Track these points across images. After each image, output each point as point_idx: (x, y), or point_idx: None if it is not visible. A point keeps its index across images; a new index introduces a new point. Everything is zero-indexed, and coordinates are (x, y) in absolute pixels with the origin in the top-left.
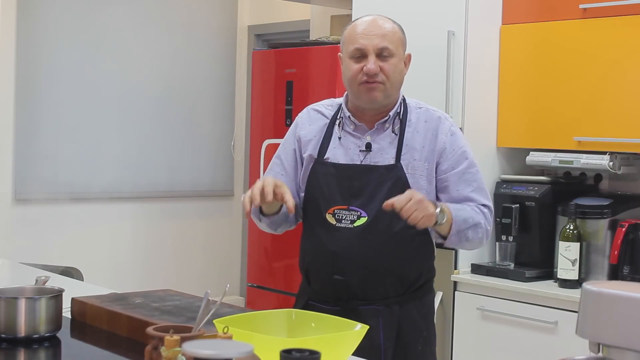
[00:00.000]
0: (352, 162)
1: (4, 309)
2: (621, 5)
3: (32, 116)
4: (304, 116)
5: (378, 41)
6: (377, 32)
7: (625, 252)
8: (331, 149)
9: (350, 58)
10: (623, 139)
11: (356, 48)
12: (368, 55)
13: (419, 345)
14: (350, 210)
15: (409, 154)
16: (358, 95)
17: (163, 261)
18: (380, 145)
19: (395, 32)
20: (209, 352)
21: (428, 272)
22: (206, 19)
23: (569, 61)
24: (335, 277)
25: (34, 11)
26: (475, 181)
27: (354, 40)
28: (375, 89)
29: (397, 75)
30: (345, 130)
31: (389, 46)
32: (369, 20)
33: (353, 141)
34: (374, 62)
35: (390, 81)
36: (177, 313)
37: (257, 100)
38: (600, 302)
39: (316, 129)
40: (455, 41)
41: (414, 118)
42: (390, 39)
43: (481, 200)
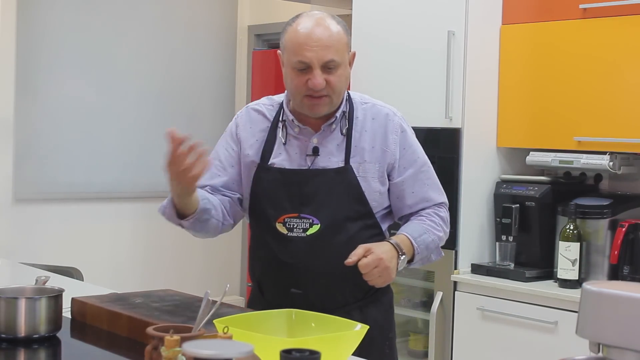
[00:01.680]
0: (299, 167)
1: (4, 309)
2: (621, 5)
3: (32, 116)
4: (244, 117)
5: (323, 54)
6: (322, 42)
7: (625, 252)
8: (276, 154)
9: (292, 69)
10: (623, 139)
11: (300, 61)
12: (313, 69)
13: (385, 348)
14: (301, 218)
15: (358, 155)
16: (301, 106)
17: (163, 261)
18: (327, 148)
19: (339, 38)
20: (209, 352)
21: None
22: (206, 19)
23: (569, 61)
24: (293, 290)
25: (34, 11)
26: (429, 178)
27: (297, 52)
28: (320, 104)
29: (344, 83)
30: (289, 134)
31: (335, 58)
32: (311, 27)
33: (298, 145)
34: (320, 76)
35: (336, 93)
36: (177, 313)
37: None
38: (600, 302)
39: (257, 131)
40: (455, 41)
41: (361, 115)
42: (336, 48)
43: (437, 199)
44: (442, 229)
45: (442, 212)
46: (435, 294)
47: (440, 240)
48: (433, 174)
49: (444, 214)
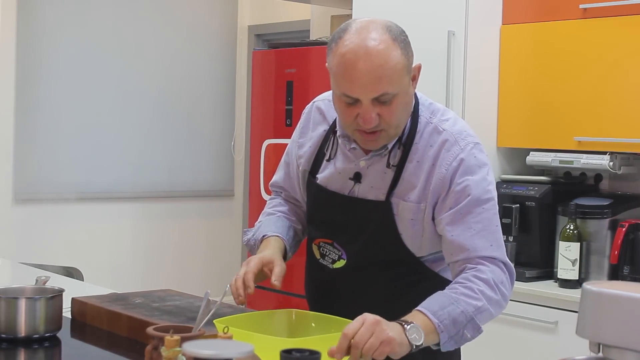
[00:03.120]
0: (339, 191)
1: (4, 309)
2: (621, 5)
3: (32, 116)
4: (307, 114)
5: (373, 87)
6: (371, 74)
7: (626, 252)
8: (323, 168)
9: (339, 98)
10: (623, 139)
11: (345, 94)
12: (362, 103)
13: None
14: (334, 247)
15: (403, 190)
16: (354, 138)
17: (163, 261)
18: (373, 176)
19: (395, 64)
20: (209, 352)
21: None
22: (206, 19)
23: (569, 61)
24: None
25: (34, 11)
26: (479, 223)
27: (341, 84)
28: (374, 139)
29: (403, 113)
30: (339, 148)
31: (389, 90)
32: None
33: (345, 164)
34: (371, 111)
35: (393, 125)
36: (177, 313)
37: (257, 100)
38: (600, 302)
39: (315, 134)
40: (456, 41)
41: (422, 142)
42: (389, 79)
43: (480, 252)
44: (479, 296)
45: (486, 274)
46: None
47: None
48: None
49: (488, 275)
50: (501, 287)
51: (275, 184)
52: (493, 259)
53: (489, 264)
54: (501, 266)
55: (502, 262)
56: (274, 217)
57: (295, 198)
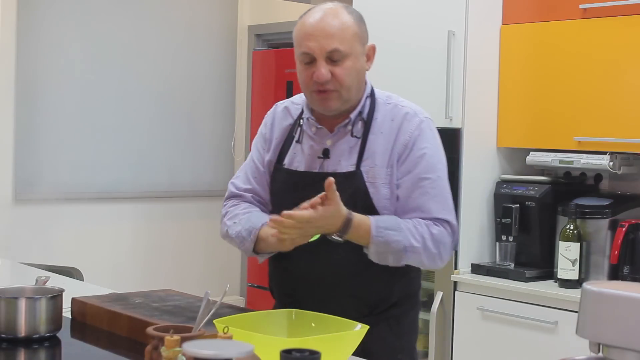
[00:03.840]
0: (308, 169)
1: (4, 309)
2: (621, 5)
3: (32, 116)
4: (271, 115)
5: (327, 42)
6: (325, 31)
7: (626, 252)
8: (290, 154)
9: (300, 62)
10: (623, 139)
11: (303, 52)
12: (317, 60)
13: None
14: None
15: (370, 159)
16: (312, 102)
17: (163, 261)
18: (340, 150)
19: (347, 27)
20: (209, 352)
21: (404, 289)
22: (206, 19)
23: (569, 61)
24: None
25: (35, 11)
26: (433, 188)
27: (301, 43)
28: (328, 97)
29: (354, 77)
30: (306, 134)
31: (340, 47)
32: (318, 16)
33: (312, 145)
34: (324, 68)
35: (345, 87)
36: (177, 313)
37: (257, 100)
38: (600, 302)
39: (280, 131)
40: (455, 41)
41: (380, 117)
42: (341, 37)
43: (436, 213)
44: (421, 240)
45: (435, 229)
46: (436, 294)
47: (409, 249)
48: (441, 187)
49: (436, 230)
50: (441, 247)
51: (239, 187)
52: (443, 221)
53: (439, 224)
54: (448, 229)
55: (450, 225)
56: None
57: (261, 198)
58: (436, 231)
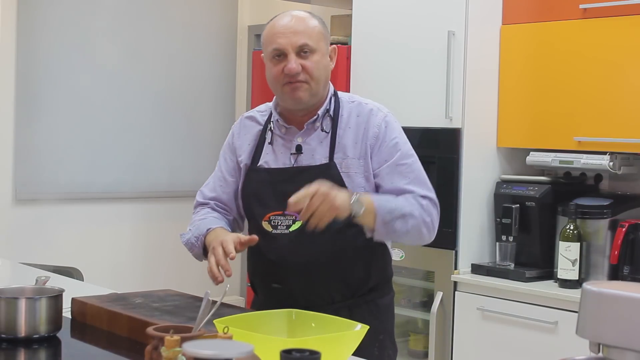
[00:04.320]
0: (283, 166)
1: (4, 309)
2: (621, 5)
3: (32, 116)
4: (238, 125)
5: (296, 38)
6: (294, 29)
7: (626, 252)
8: (264, 155)
9: (270, 60)
10: (623, 139)
11: (275, 48)
12: (288, 55)
13: (374, 349)
14: (285, 216)
15: (341, 152)
16: (283, 97)
17: (163, 261)
18: (311, 145)
19: (314, 27)
20: (209, 352)
21: (380, 274)
22: (206, 19)
23: (569, 61)
24: (274, 285)
25: (34, 11)
26: (411, 172)
27: (272, 40)
28: (298, 88)
29: (322, 71)
30: (276, 134)
31: (309, 42)
32: (286, 18)
33: (284, 144)
34: (295, 61)
35: (314, 79)
36: (177, 313)
37: (257, 100)
38: (600, 302)
39: (250, 137)
40: (455, 41)
41: (346, 113)
42: (309, 34)
43: (420, 192)
44: (416, 208)
45: (422, 201)
46: (435, 294)
47: (408, 214)
48: (418, 169)
49: (424, 202)
50: (432, 218)
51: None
52: (426, 197)
53: (423, 199)
54: (432, 202)
55: (433, 199)
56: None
57: (225, 205)
58: (424, 202)
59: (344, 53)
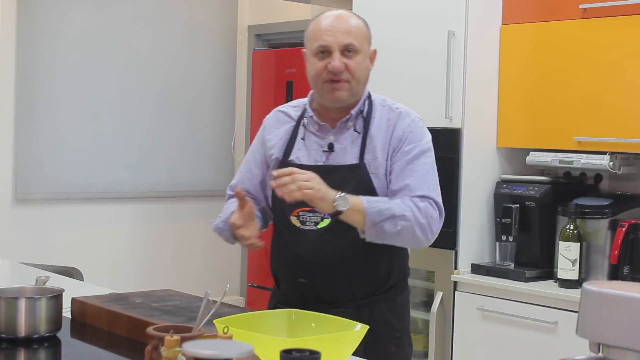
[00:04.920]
0: (315, 163)
1: (4, 309)
2: (621, 5)
3: (32, 116)
4: (271, 119)
5: (342, 38)
6: (341, 28)
7: (625, 252)
8: (295, 151)
9: (314, 55)
10: (623, 139)
11: (320, 45)
12: (332, 53)
13: (391, 346)
14: (314, 212)
15: (371, 153)
16: (322, 93)
17: (163, 261)
18: (343, 144)
19: (359, 27)
20: (209, 352)
21: (399, 272)
22: (206, 19)
23: (569, 61)
24: (300, 280)
25: (35, 11)
26: (419, 171)
27: (318, 37)
28: (339, 88)
29: (362, 72)
30: (308, 131)
31: (354, 42)
32: (333, 16)
33: (316, 141)
34: (339, 59)
35: (355, 79)
36: (177, 313)
37: (257, 100)
38: (600, 302)
39: (282, 131)
40: (455, 41)
41: (378, 116)
42: (355, 35)
43: (418, 191)
44: (410, 210)
45: (421, 203)
46: (435, 294)
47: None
48: (426, 171)
49: (422, 204)
50: (430, 219)
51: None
52: (427, 198)
53: (423, 201)
54: (433, 204)
55: (435, 202)
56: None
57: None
58: (422, 205)
59: None
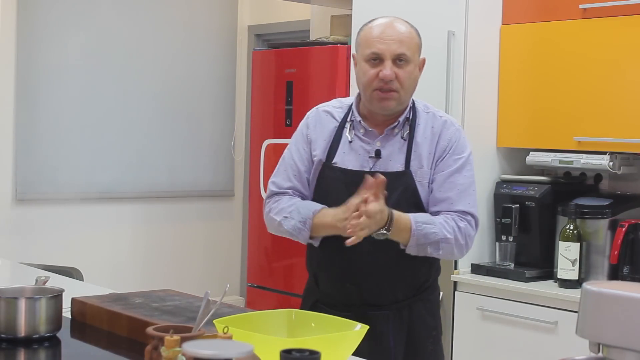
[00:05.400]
0: (361, 169)
1: (4, 309)
2: (621, 5)
3: (32, 116)
4: (314, 118)
5: (395, 47)
6: (395, 37)
7: (625, 252)
8: (340, 154)
9: (366, 61)
10: (623, 139)
11: (373, 52)
12: (384, 61)
13: (429, 344)
14: None
15: (417, 160)
16: (371, 100)
17: (163, 261)
18: (389, 151)
19: (412, 37)
20: (209, 352)
21: (435, 272)
22: (206, 19)
23: (569, 61)
24: (348, 285)
25: (34, 11)
26: (461, 185)
27: (371, 44)
28: (389, 97)
29: (412, 82)
30: (355, 135)
31: (406, 52)
32: (387, 23)
33: (362, 146)
34: (390, 68)
35: (404, 89)
36: (177, 313)
37: (257, 100)
38: (600, 302)
39: (326, 131)
40: (455, 41)
41: (422, 123)
42: (408, 44)
43: (459, 205)
44: (452, 232)
45: (462, 223)
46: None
47: (444, 240)
48: (468, 184)
49: (463, 224)
50: (467, 239)
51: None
52: (467, 214)
53: (464, 218)
54: (472, 223)
55: (473, 218)
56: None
57: (301, 194)
58: (463, 225)
59: (344, 53)
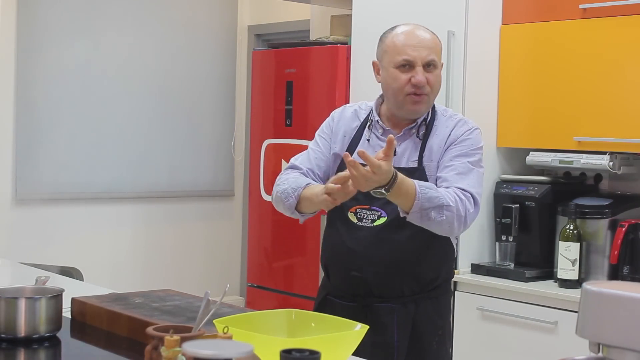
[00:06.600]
0: None
1: (4, 309)
2: (621, 5)
3: (32, 116)
4: (340, 113)
5: (426, 53)
6: (424, 44)
7: (625, 252)
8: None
9: (396, 68)
10: (623, 139)
11: (404, 59)
12: (415, 67)
13: (434, 343)
14: (371, 210)
15: (428, 155)
16: (402, 105)
17: (163, 261)
18: (404, 148)
19: (437, 43)
20: (209, 352)
21: (446, 273)
22: (206, 19)
23: (569, 61)
24: (353, 273)
25: (34, 11)
26: (463, 167)
27: (401, 51)
28: (420, 102)
29: (439, 85)
30: (373, 134)
31: (435, 58)
32: (412, 30)
33: (379, 144)
34: (422, 74)
35: (434, 92)
36: (177, 313)
37: (257, 100)
38: (600, 302)
39: (348, 129)
40: (455, 41)
41: (439, 124)
42: (436, 50)
43: (460, 184)
44: (454, 201)
45: (461, 194)
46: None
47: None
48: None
49: (463, 196)
50: (467, 214)
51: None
52: (466, 192)
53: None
54: (471, 200)
55: (473, 197)
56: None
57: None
58: (463, 196)
59: (344, 53)
